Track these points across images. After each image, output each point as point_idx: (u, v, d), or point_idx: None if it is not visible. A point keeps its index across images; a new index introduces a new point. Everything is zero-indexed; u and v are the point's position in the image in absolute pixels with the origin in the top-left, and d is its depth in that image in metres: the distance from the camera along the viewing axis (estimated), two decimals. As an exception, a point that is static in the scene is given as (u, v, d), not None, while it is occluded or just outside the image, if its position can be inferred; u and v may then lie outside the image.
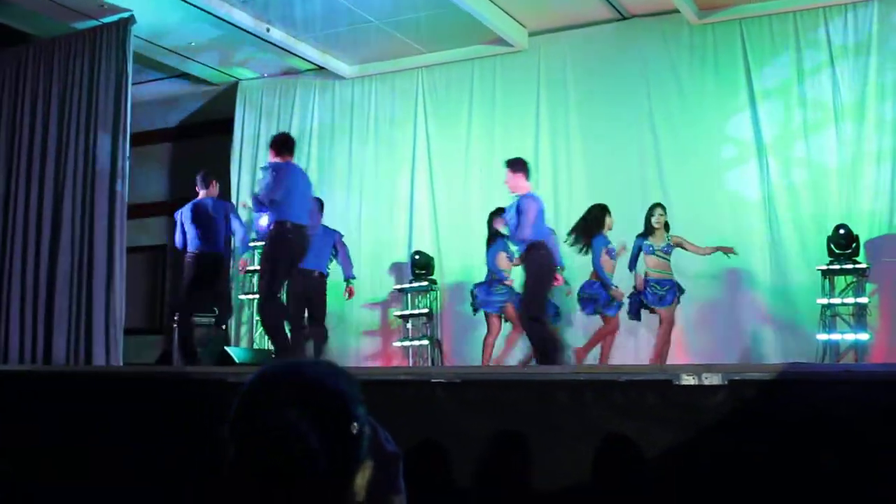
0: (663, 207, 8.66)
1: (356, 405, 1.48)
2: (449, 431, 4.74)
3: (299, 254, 7.57)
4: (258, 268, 11.51)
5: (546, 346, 7.20)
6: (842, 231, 8.70)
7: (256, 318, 11.52)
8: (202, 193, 8.86)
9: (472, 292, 9.12)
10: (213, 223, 8.66)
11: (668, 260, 8.55)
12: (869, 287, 8.86)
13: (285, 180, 7.31)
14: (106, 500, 5.56)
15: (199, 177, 8.93)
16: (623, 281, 8.69)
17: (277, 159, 7.49)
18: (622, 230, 8.65)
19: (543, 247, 7.28)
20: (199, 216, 8.65)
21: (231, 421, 1.45)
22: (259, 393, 1.48)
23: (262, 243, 8.41)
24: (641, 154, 10.02)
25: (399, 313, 10.72)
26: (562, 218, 10.19)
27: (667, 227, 8.64)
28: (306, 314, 8.78)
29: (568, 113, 10.50)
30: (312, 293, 8.81)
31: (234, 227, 8.85)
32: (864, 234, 8.91)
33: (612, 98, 10.26)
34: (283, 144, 7.62)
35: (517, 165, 7.55)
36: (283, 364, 1.54)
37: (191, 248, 8.61)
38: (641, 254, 8.52)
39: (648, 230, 8.56)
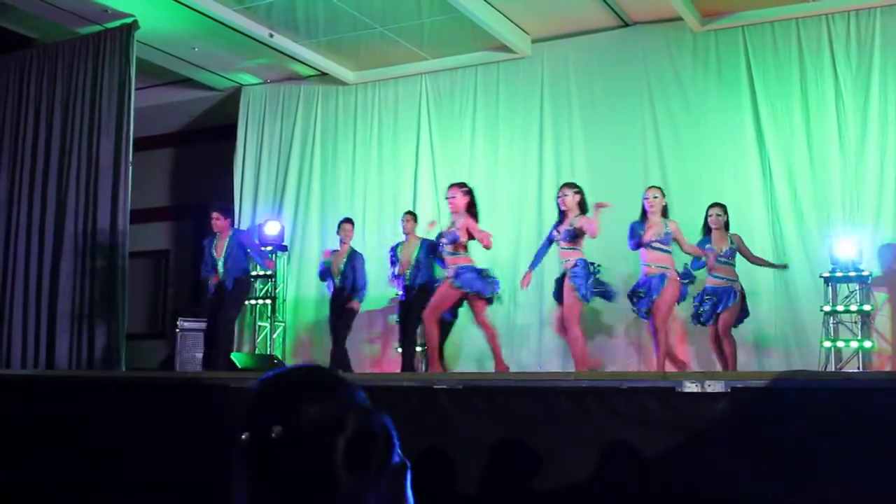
0: (722, 207, 8.40)
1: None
2: (451, 437, 4.74)
3: None
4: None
5: None
6: (845, 242, 8.70)
7: (259, 323, 11.52)
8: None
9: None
10: None
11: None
12: (880, 297, 8.86)
13: None
14: (108, 505, 5.56)
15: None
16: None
17: None
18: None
19: None
20: None
21: (259, 413, 1.44)
22: (292, 388, 1.47)
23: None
24: (645, 160, 10.02)
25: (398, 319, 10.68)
26: (564, 224, 10.19)
27: (727, 226, 8.37)
28: None
29: (571, 119, 10.50)
30: None
31: None
32: (867, 239, 8.91)
33: (614, 104, 10.27)
34: None
35: None
36: (302, 366, 1.54)
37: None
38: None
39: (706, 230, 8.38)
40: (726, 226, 8.35)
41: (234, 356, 9.98)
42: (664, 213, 7.91)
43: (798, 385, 4.39)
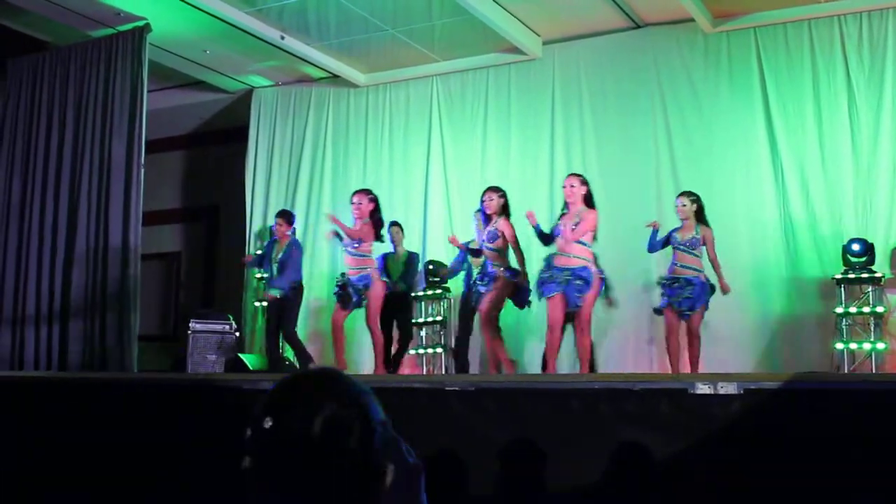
0: (688, 197, 8.10)
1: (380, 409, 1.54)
2: (463, 439, 4.74)
3: None
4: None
5: None
6: (855, 243, 8.66)
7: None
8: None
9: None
10: None
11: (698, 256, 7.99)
12: (893, 299, 8.83)
13: None
14: (120, 506, 5.57)
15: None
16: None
17: None
18: (637, 237, 8.59)
19: None
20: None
21: (265, 409, 1.48)
22: (301, 385, 1.54)
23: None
24: (656, 161, 10.00)
25: (413, 321, 10.66)
26: (576, 225, 10.17)
27: (697, 216, 8.01)
28: None
29: (582, 120, 10.48)
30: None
31: None
32: (880, 241, 8.87)
33: (626, 106, 10.25)
34: None
35: None
36: (317, 368, 1.61)
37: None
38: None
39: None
40: (697, 215, 7.98)
41: (246, 357, 10.01)
42: (586, 202, 7.57)
43: (811, 386, 4.38)
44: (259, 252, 10.17)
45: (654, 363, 9.45)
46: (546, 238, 7.67)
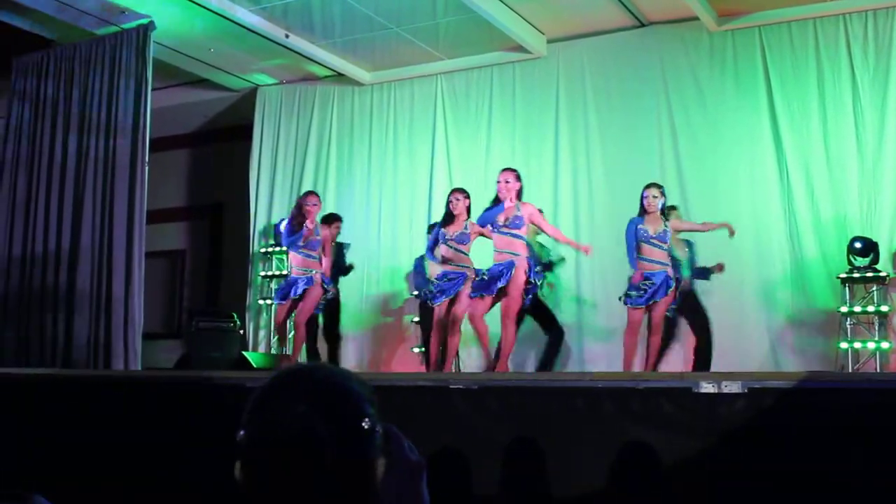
0: (659, 189, 7.82)
1: (366, 404, 1.51)
2: (466, 438, 4.74)
3: None
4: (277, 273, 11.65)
5: None
6: (857, 243, 8.64)
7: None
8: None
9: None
10: None
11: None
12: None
13: None
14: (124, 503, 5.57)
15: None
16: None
17: None
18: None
19: None
20: None
21: (243, 420, 1.48)
22: (270, 391, 1.52)
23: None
24: (661, 160, 9.99)
25: (416, 319, 10.65)
26: (581, 223, 10.18)
27: (663, 209, 7.76)
28: None
29: (587, 119, 10.47)
30: None
31: None
32: (884, 240, 8.86)
33: (630, 105, 10.24)
34: None
35: None
36: (296, 366, 1.59)
37: None
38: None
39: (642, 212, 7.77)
40: (663, 209, 7.75)
41: (249, 355, 10.01)
42: (519, 196, 7.62)
43: (815, 386, 4.37)
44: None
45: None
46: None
